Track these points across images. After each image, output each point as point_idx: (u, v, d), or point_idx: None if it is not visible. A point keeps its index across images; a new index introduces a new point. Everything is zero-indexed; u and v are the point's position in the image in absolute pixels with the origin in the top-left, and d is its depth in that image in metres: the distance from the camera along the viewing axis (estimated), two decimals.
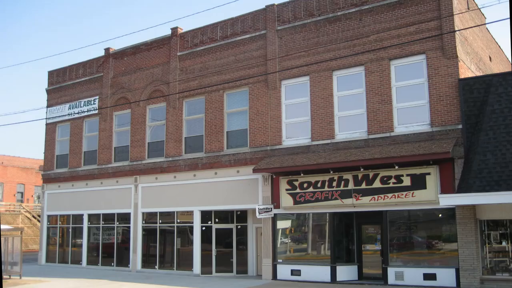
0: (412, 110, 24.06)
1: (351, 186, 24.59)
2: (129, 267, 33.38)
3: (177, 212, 31.63)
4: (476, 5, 27.08)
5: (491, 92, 22.31)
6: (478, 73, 26.18)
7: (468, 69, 24.54)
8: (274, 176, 27.21)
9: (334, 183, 25.06)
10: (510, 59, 35.61)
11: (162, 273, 31.37)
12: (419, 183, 22.88)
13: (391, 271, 23.54)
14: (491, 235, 21.87)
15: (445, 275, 22.31)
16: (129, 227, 33.89)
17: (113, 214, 35.05)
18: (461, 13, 24.22)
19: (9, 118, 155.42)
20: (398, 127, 24.22)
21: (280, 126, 27.79)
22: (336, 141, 25.75)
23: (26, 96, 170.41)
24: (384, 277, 23.81)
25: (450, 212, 22.54)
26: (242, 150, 28.98)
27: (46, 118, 40.07)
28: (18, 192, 79.53)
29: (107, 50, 37.26)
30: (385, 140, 24.31)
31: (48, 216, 39.44)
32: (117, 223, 34.85)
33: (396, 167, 23.14)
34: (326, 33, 26.83)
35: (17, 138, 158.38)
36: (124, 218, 34.42)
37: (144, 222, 33.18)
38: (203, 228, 30.39)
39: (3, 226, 32.47)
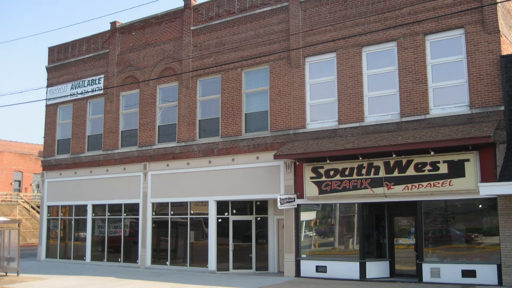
0: (449, 90, 24.63)
1: (382, 174, 25.24)
2: (137, 263, 34.32)
3: (190, 202, 32.50)
4: None
5: None
6: None
7: (511, 45, 24.98)
8: (297, 163, 27.91)
9: (364, 171, 25.75)
10: None
11: (174, 269, 32.18)
12: (457, 170, 23.45)
13: (426, 268, 24.15)
14: None
15: (486, 272, 22.87)
16: (137, 219, 34.80)
17: (120, 204, 35.99)
18: None
19: (5, 99, 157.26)
20: (434, 109, 24.83)
21: (304, 107, 28.51)
22: (366, 124, 26.44)
23: (24, 75, 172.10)
24: (418, 274, 24.46)
25: (492, 203, 23.11)
26: (262, 134, 29.73)
27: (46, 99, 40.91)
28: (15, 181, 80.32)
29: (113, 24, 38.04)
30: (420, 123, 24.95)
31: (49, 207, 40.46)
32: (125, 214, 35.78)
33: (432, 153, 23.68)
34: (354, 5, 27.45)
35: (14, 121, 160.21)
36: (132, 209, 35.35)
37: (154, 213, 34.09)
38: (219, 220, 31.25)
39: None
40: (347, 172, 26.18)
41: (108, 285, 26.09)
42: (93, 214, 37.52)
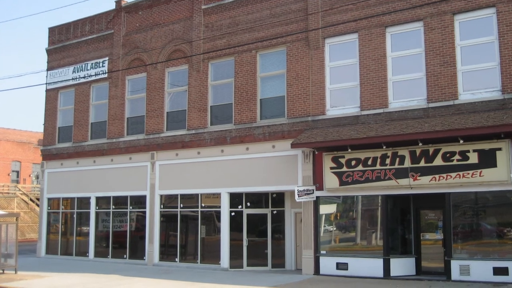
0: (480, 74, 24.87)
1: (407, 163, 25.48)
2: (144, 259, 34.75)
3: (201, 194, 32.90)
4: None
5: None
6: None
7: None
8: (316, 152, 28.13)
9: (388, 160, 26.01)
10: None
11: (184, 266, 32.60)
12: (488, 160, 23.66)
13: (455, 265, 24.36)
14: None
15: None
16: (144, 212, 35.24)
17: (126, 197, 36.47)
18: None
19: (2, 83, 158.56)
20: (463, 94, 25.07)
21: (323, 92, 28.82)
22: (390, 110, 26.74)
23: (23, 58, 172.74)
24: (446, 271, 24.68)
25: None
26: (279, 121, 30.08)
27: (46, 83, 41.24)
28: (13, 171, 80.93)
29: (118, 2, 38.37)
30: (448, 109, 25.20)
31: (49, 199, 41.04)
32: (131, 207, 36.27)
33: (461, 142, 23.85)
34: None
35: (11, 107, 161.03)
36: (139, 201, 35.82)
37: (162, 206, 34.56)
38: (232, 213, 31.69)
39: None
40: (370, 162, 26.44)
41: (113, 283, 26.35)
42: (97, 207, 38.01)
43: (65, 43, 40.99)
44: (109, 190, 37.17)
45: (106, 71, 37.98)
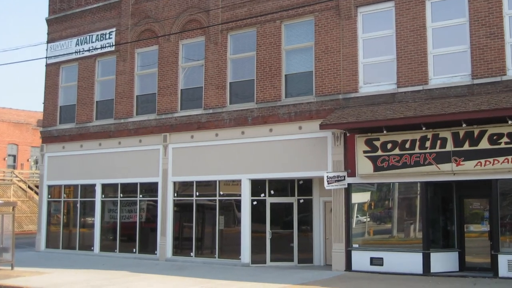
0: None
1: (449, 147, 25.88)
2: (156, 254, 35.45)
3: (219, 181, 33.50)
4: None
5: None
6: None
7: None
8: (348, 134, 28.50)
9: (428, 143, 26.42)
10: None
11: (200, 262, 33.15)
12: None
13: (502, 260, 24.77)
14: None
15: None
16: (156, 201, 35.92)
17: (135, 184, 37.13)
18: None
19: None
20: None
21: (356, 67, 29.26)
22: (430, 87, 27.15)
23: (20, 29, 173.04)
24: (493, 267, 25.11)
25: None
26: (306, 99, 30.60)
27: (46, 57, 41.78)
28: (9, 156, 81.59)
29: None
30: (495, 86, 25.60)
31: (49, 186, 41.90)
32: (140, 196, 36.98)
33: (510, 122, 24.10)
34: None
35: (8, 84, 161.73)
36: (150, 189, 36.53)
37: (176, 194, 35.24)
38: (254, 202, 32.31)
39: None
40: (407, 145, 26.82)
41: (121, 281, 26.68)
42: (103, 196, 38.80)
43: (67, 12, 41.42)
44: (116, 176, 37.80)
45: (113, 44, 38.38)
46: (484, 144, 25.07)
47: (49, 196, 41.86)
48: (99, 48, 39.19)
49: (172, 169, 35.14)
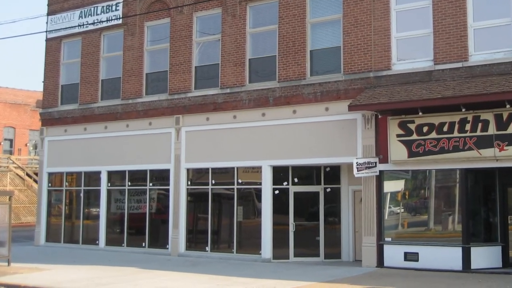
0: None
1: (492, 130, 26.10)
2: (167, 248, 35.97)
3: (237, 168, 33.93)
4: None
5: None
6: None
7: None
8: (379, 116, 28.86)
9: (468, 126, 26.64)
10: None
11: (216, 257, 33.62)
12: None
13: None
14: None
15: None
16: (167, 190, 36.45)
17: (145, 171, 37.67)
18: None
19: None
20: None
21: (388, 42, 29.55)
22: (471, 64, 27.37)
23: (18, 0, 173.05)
24: None
25: None
26: (333, 77, 30.89)
27: (46, 31, 42.16)
28: (5, 140, 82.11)
29: None
30: None
31: (50, 174, 42.59)
32: (151, 184, 37.56)
33: None
34: None
35: (4, 61, 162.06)
36: (161, 177, 37.10)
37: (189, 183, 35.76)
38: (276, 191, 32.72)
39: None
40: (445, 128, 27.07)
41: (129, 278, 26.88)
42: (109, 184, 39.44)
43: None
44: (124, 163, 38.32)
45: (121, 16, 38.70)
46: None
47: (50, 185, 42.48)
48: (104, 21, 39.47)
49: (185, 154, 35.54)
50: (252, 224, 33.53)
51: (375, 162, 28.82)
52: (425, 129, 27.59)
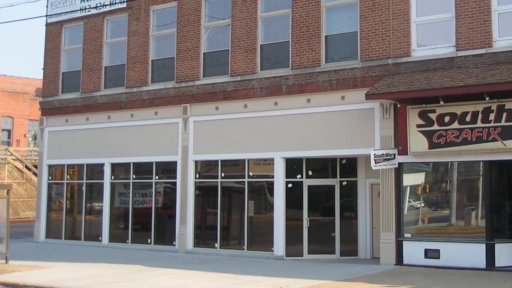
0: None
1: None
2: (174, 245, 36.22)
3: (248, 160, 34.10)
4: None
5: None
6: None
7: None
8: (398, 105, 28.85)
9: (492, 116, 26.77)
10: None
11: (225, 254, 33.84)
12: None
13: None
14: None
15: None
16: (174, 183, 36.70)
17: (150, 163, 37.92)
18: None
19: None
20: None
21: (408, 27, 29.61)
22: (495, 50, 27.46)
23: None
24: None
25: None
26: (350, 64, 31.03)
27: (46, 16, 42.48)
28: (3, 130, 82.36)
29: None
30: None
31: (50, 166, 42.94)
32: (156, 177, 37.82)
33: None
34: None
35: (2, 47, 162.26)
36: (167, 169, 37.41)
37: (197, 176, 36.01)
38: (289, 185, 32.92)
39: None
40: (468, 118, 27.17)
41: (133, 277, 26.98)
42: (112, 177, 39.76)
43: None
44: (128, 154, 38.54)
45: (125, 0, 38.96)
46: None
47: (50, 178, 42.82)
48: (108, 5, 39.71)
49: (193, 146, 35.75)
50: (264, 220, 33.73)
51: (394, 154, 28.95)
52: (446, 119, 27.68)
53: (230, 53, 34.73)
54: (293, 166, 32.85)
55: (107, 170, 39.67)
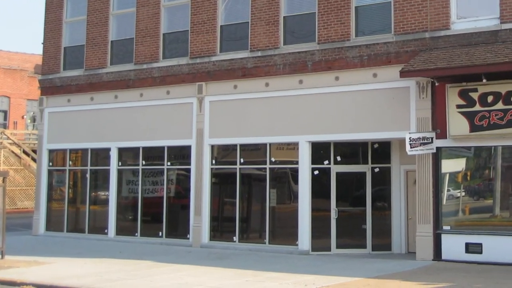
0: None
1: None
2: (188, 238, 36.65)
3: (270, 144, 34.42)
4: None
5: None
6: None
7: None
8: (436, 84, 29.13)
9: None
10: None
11: (245, 249, 34.18)
12: None
13: None
14: None
15: None
16: (188, 170, 37.12)
17: (162, 148, 38.30)
18: None
19: None
20: None
21: None
22: None
23: None
24: None
25: None
26: (382, 38, 31.34)
27: None
28: None
29: None
30: None
31: (51, 151, 43.51)
32: (168, 163, 38.25)
33: None
34: None
35: None
36: (180, 155, 37.93)
37: (214, 162, 36.40)
38: (316, 172, 33.27)
39: None
40: None
41: (143, 273, 27.23)
42: (120, 163, 40.24)
43: None
44: (137, 138, 38.89)
45: None
46: None
47: (50, 164, 43.41)
48: None
49: (209, 128, 36.01)
50: (288, 210, 34.11)
51: (431, 138, 29.17)
52: (490, 98, 27.87)
53: (250, 26, 34.93)
54: (319, 151, 33.14)
55: (114, 156, 40.05)
